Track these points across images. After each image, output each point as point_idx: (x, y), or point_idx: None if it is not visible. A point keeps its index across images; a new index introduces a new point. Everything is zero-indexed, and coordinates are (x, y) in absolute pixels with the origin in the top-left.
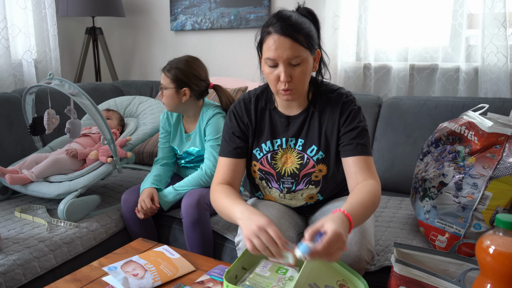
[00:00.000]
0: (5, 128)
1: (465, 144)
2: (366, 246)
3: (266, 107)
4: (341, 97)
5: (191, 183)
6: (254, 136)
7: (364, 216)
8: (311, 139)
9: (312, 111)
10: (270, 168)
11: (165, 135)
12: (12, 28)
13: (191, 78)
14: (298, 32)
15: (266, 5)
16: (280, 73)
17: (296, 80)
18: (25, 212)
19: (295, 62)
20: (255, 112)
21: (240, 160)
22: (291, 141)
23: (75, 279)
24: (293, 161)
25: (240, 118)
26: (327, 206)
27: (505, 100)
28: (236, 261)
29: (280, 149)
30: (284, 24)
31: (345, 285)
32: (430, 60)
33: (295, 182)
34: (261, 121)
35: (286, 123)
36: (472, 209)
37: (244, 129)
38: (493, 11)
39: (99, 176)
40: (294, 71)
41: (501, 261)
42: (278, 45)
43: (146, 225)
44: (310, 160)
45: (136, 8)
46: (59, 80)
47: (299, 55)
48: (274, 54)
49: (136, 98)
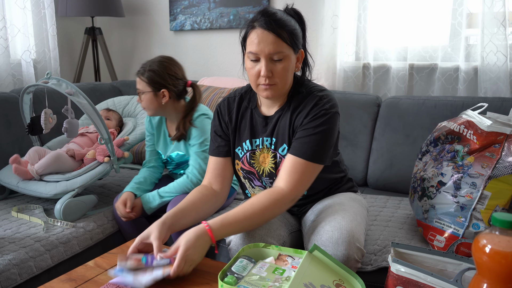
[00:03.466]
0: (3, 128)
1: (464, 143)
2: (354, 244)
3: (248, 106)
4: (315, 98)
5: (176, 190)
6: (235, 135)
7: (242, 227)
8: (282, 138)
9: (286, 110)
10: (250, 167)
11: (150, 137)
12: (11, 28)
13: (167, 78)
14: (282, 28)
15: (265, 5)
16: (261, 67)
17: (277, 76)
18: (22, 211)
19: (276, 58)
20: (237, 111)
21: (224, 159)
22: (267, 140)
23: (70, 279)
24: (269, 161)
25: (222, 116)
26: (318, 205)
27: (504, 100)
28: (231, 261)
29: (258, 149)
30: (269, 20)
31: (342, 285)
32: (430, 60)
33: (273, 181)
34: (242, 120)
35: (264, 123)
36: (470, 209)
37: (225, 127)
38: (492, 10)
39: (96, 176)
40: (275, 67)
41: (497, 260)
42: (261, 39)
43: (139, 227)
44: (282, 158)
45: (135, 8)
46: (57, 80)
47: (281, 51)
48: (256, 48)
49: (135, 98)
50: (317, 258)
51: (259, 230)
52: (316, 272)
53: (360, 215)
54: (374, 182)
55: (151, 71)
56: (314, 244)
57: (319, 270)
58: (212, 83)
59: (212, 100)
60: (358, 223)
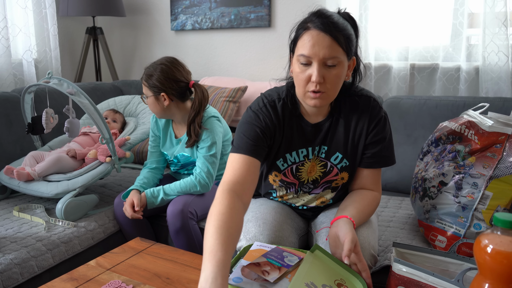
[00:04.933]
0: (5, 128)
1: (465, 143)
2: (369, 251)
3: (292, 114)
4: (369, 101)
5: (182, 189)
6: (280, 144)
7: (361, 223)
8: (335, 146)
9: (336, 117)
10: (294, 179)
11: (154, 138)
12: (12, 27)
13: (165, 83)
14: (339, 31)
15: (266, 5)
16: (313, 72)
17: (329, 83)
18: (23, 211)
19: (330, 63)
20: (282, 118)
21: (257, 161)
22: (316, 150)
23: (72, 278)
24: (317, 170)
25: (269, 119)
26: (330, 210)
27: (506, 100)
28: (233, 260)
29: (307, 159)
30: (326, 21)
31: (343, 284)
32: (431, 60)
33: (313, 187)
34: (288, 128)
35: (313, 132)
36: (472, 209)
37: (272, 132)
38: (494, 10)
39: (98, 176)
40: (328, 73)
41: (499, 260)
42: (316, 41)
43: (140, 226)
44: (334, 168)
45: (136, 8)
46: (58, 79)
47: (337, 56)
48: (309, 51)
49: (136, 98)
50: (319, 258)
51: (272, 239)
52: (317, 271)
53: (374, 223)
54: None
55: (151, 76)
56: (316, 244)
57: (321, 270)
58: (213, 83)
59: (213, 100)
60: (373, 230)
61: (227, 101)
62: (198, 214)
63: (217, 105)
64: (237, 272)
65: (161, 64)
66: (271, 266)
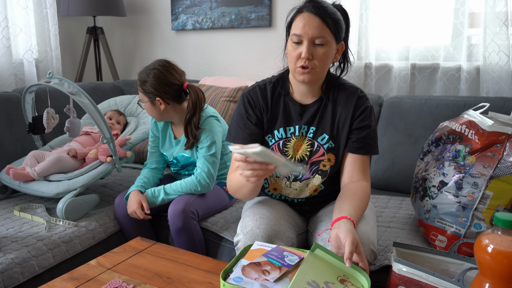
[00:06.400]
0: (5, 127)
1: (465, 143)
2: (369, 246)
3: (281, 94)
4: (356, 91)
5: (183, 189)
6: (268, 123)
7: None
8: (322, 128)
9: (325, 101)
10: (281, 155)
11: (154, 139)
12: (13, 27)
13: (158, 88)
14: (328, 15)
15: (267, 4)
16: (303, 49)
17: (316, 60)
18: (24, 211)
19: (318, 42)
20: (271, 98)
21: None
22: (304, 128)
23: (72, 278)
24: (303, 148)
25: (255, 104)
26: (329, 206)
27: (506, 100)
28: (234, 259)
29: (293, 136)
30: (317, 5)
31: (347, 280)
32: (432, 59)
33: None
34: (276, 107)
35: (300, 111)
36: (472, 209)
37: (259, 115)
38: (494, 10)
39: (98, 175)
40: (316, 51)
41: (499, 260)
42: (307, 22)
43: (141, 226)
44: (320, 148)
45: (137, 7)
46: (59, 79)
47: (324, 36)
48: (301, 31)
49: (136, 98)
50: (319, 257)
51: (269, 232)
52: (318, 269)
53: (372, 219)
54: (376, 182)
55: (145, 82)
56: (315, 243)
57: (322, 268)
58: (214, 83)
59: (214, 100)
60: (371, 226)
61: (228, 101)
62: (200, 214)
63: (218, 105)
64: (238, 272)
65: (154, 69)
66: (271, 266)
